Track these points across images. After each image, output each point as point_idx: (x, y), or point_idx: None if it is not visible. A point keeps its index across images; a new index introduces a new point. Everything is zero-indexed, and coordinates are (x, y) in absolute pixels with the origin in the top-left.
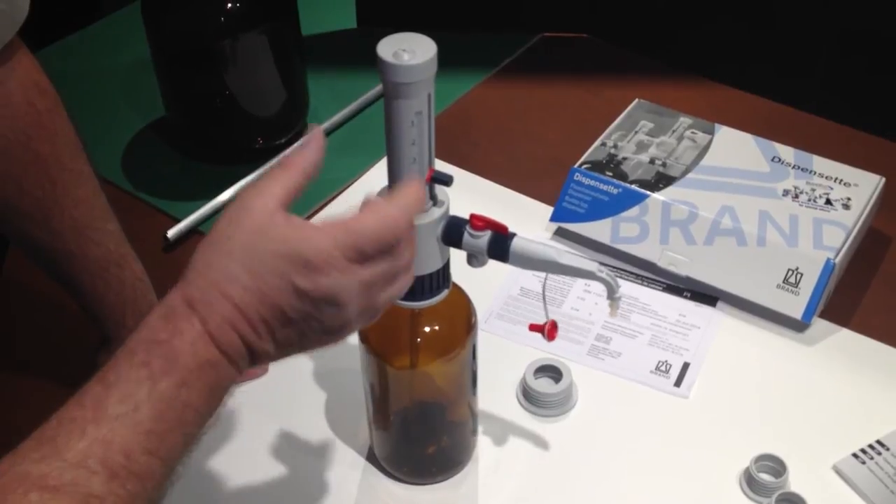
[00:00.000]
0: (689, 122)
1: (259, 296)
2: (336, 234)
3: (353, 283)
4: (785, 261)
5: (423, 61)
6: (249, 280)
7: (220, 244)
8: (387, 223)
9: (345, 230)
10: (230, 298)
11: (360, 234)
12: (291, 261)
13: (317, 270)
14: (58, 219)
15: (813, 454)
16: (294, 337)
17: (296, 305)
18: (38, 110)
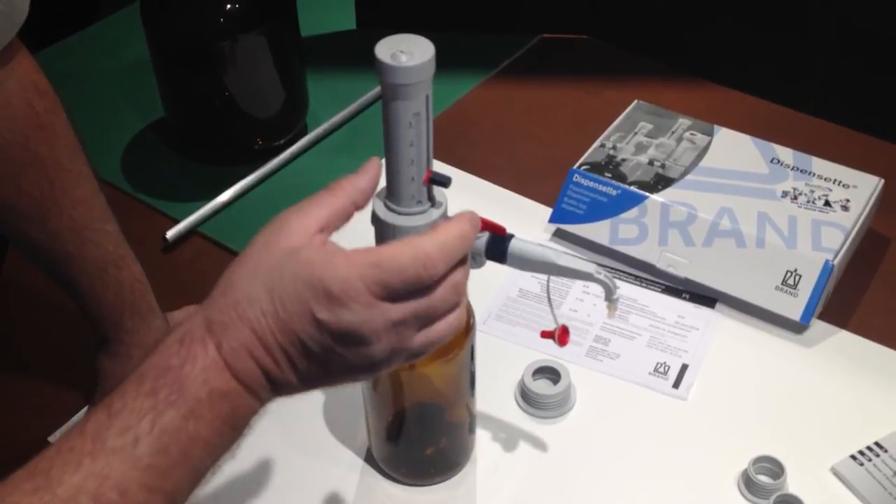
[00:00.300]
0: (688, 123)
1: (278, 322)
2: (363, 267)
3: (378, 321)
4: (784, 262)
5: (421, 63)
6: (269, 304)
7: (248, 263)
8: (420, 261)
9: (373, 264)
10: (247, 322)
11: (388, 270)
12: (313, 288)
13: (338, 302)
14: (56, 219)
15: (811, 456)
16: (317, 371)
17: (315, 337)
18: (37, 111)
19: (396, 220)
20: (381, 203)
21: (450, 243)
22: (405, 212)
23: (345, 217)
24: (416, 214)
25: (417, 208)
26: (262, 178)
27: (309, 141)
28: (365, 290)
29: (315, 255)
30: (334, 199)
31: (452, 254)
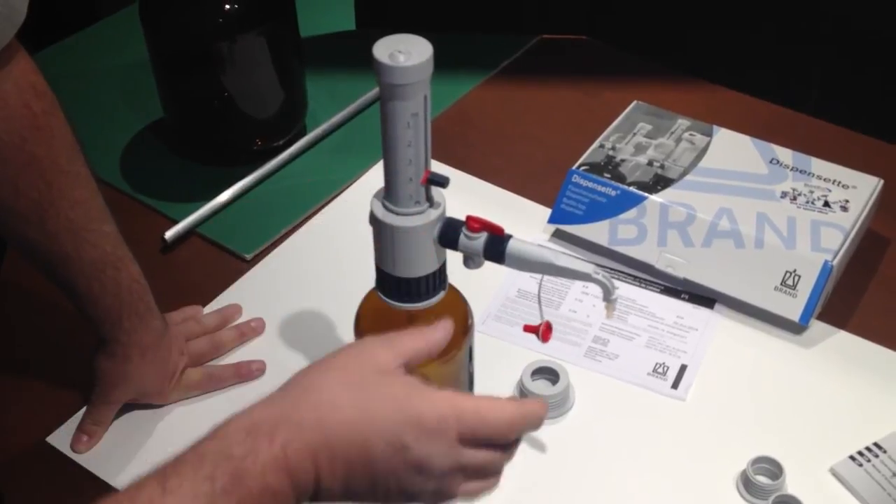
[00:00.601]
0: (687, 123)
1: (356, 435)
2: (462, 410)
3: (449, 461)
4: (783, 263)
5: (419, 63)
6: (354, 417)
7: (335, 371)
8: (508, 422)
9: (472, 410)
10: (325, 427)
11: (483, 419)
12: (408, 415)
13: (427, 433)
14: (53, 220)
15: (810, 456)
16: (365, 487)
17: (388, 458)
18: (35, 112)
19: (394, 221)
20: (380, 203)
21: (531, 417)
22: (403, 212)
23: (421, 360)
24: (415, 215)
25: (415, 209)
26: (261, 178)
27: (308, 141)
28: (455, 430)
29: (410, 383)
30: (419, 341)
31: (529, 426)
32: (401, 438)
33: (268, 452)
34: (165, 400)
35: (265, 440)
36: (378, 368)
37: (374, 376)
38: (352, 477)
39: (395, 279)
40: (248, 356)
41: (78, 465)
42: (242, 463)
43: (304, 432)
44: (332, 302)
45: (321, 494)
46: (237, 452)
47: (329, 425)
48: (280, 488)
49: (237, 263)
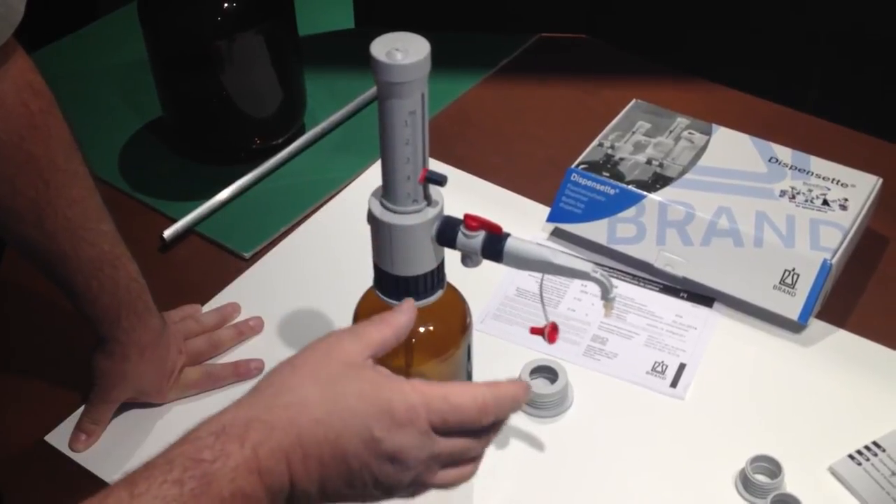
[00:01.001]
0: (686, 122)
1: (328, 432)
2: (430, 396)
3: (423, 450)
4: (782, 261)
5: (416, 61)
6: (324, 415)
7: (303, 370)
8: (478, 404)
9: (440, 396)
10: (296, 427)
11: (452, 404)
12: (378, 407)
13: (397, 424)
14: (51, 219)
15: (809, 455)
16: (340, 486)
17: (360, 453)
18: (32, 111)
19: (392, 219)
20: (377, 202)
21: (504, 400)
22: (401, 210)
23: (390, 347)
24: (412, 213)
25: (413, 207)
26: (260, 177)
27: (306, 140)
28: (425, 419)
29: (378, 376)
30: (384, 329)
31: (503, 409)
32: (372, 432)
33: (238, 455)
34: (164, 399)
35: (235, 443)
36: (347, 362)
37: (343, 371)
38: (327, 476)
39: (392, 277)
40: (247, 355)
41: (76, 464)
42: (212, 466)
43: (276, 433)
44: (330, 300)
45: (297, 498)
46: (207, 456)
47: (300, 424)
48: (252, 491)
49: (236, 262)
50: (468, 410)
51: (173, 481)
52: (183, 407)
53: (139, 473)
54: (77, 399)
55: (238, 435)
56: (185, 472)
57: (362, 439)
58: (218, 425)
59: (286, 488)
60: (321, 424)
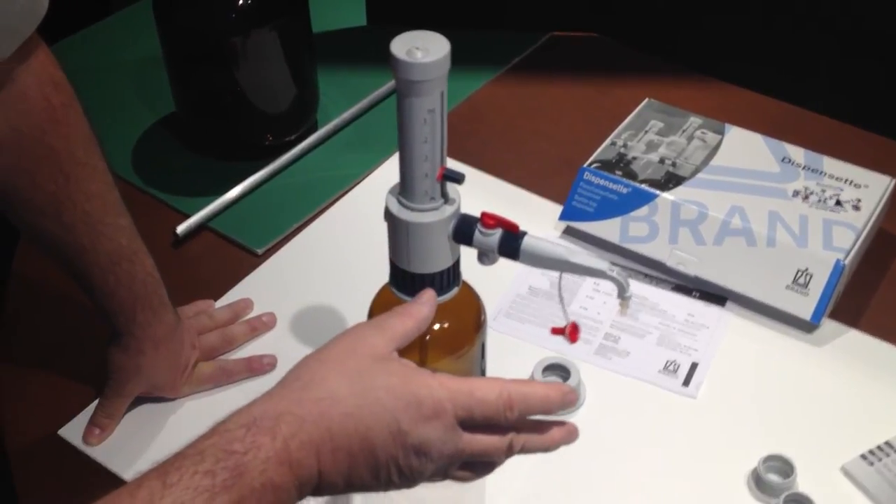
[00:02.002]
0: (699, 121)
1: (358, 425)
2: (455, 391)
3: (448, 444)
4: (794, 261)
5: (437, 59)
6: (354, 408)
7: (332, 364)
8: (503, 400)
9: (466, 392)
10: (327, 420)
11: (478, 400)
12: (406, 401)
13: (425, 418)
14: (70, 213)
15: (821, 455)
16: (366, 477)
17: (388, 445)
18: (53, 105)
19: (409, 217)
20: (395, 199)
21: (532, 399)
22: (418, 208)
23: (410, 339)
24: (429, 211)
25: (430, 205)
26: (273, 173)
27: (319, 137)
28: (452, 413)
29: (406, 369)
30: (407, 321)
31: (530, 407)
32: (400, 425)
33: (270, 447)
34: (177, 393)
35: (267, 435)
36: (373, 356)
37: (370, 364)
38: (354, 468)
39: (409, 275)
40: (260, 350)
41: (89, 458)
42: (243, 458)
43: (307, 426)
44: (343, 297)
45: (323, 489)
46: (238, 448)
47: (331, 417)
48: (282, 483)
49: (249, 258)
50: (493, 405)
51: (205, 472)
52: (196, 402)
53: (170, 464)
54: (91, 393)
55: (269, 428)
56: (217, 464)
57: (391, 432)
58: (248, 418)
59: (314, 480)
60: (351, 418)
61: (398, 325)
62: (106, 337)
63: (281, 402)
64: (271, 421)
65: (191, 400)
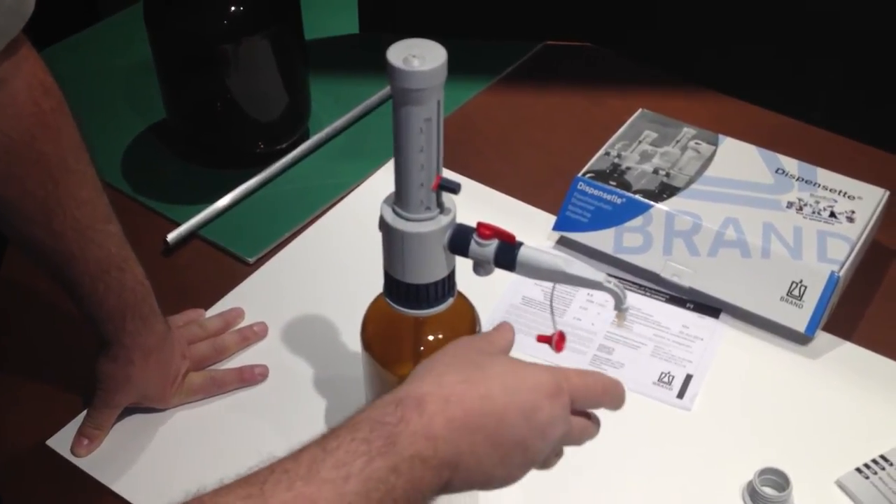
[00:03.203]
0: (693, 132)
1: (495, 406)
2: (567, 373)
3: (564, 423)
4: (789, 273)
5: (434, 67)
6: (488, 390)
7: (457, 358)
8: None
9: (574, 373)
10: (467, 400)
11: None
12: (530, 384)
13: (549, 396)
14: (59, 219)
15: (816, 468)
16: (493, 460)
17: (519, 425)
18: (43, 110)
19: (405, 227)
20: (390, 208)
21: (618, 388)
22: (414, 217)
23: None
24: (425, 220)
25: (426, 214)
26: (264, 181)
27: (311, 145)
28: (567, 392)
29: (516, 360)
30: (506, 335)
31: (617, 397)
32: (531, 402)
33: (417, 422)
34: (167, 404)
35: (413, 413)
36: (489, 353)
37: (489, 357)
38: (487, 452)
39: (404, 285)
40: (251, 360)
41: (78, 469)
42: (395, 429)
43: (450, 406)
44: (335, 306)
45: (456, 469)
46: (390, 419)
47: (472, 398)
48: (427, 455)
49: (240, 267)
50: (595, 388)
51: (361, 439)
52: (186, 412)
53: (327, 435)
54: (79, 403)
55: (416, 406)
56: (372, 433)
57: (522, 411)
58: (396, 397)
59: (450, 456)
60: (489, 400)
61: (497, 338)
62: (95, 346)
63: (423, 385)
64: (416, 401)
65: (181, 410)
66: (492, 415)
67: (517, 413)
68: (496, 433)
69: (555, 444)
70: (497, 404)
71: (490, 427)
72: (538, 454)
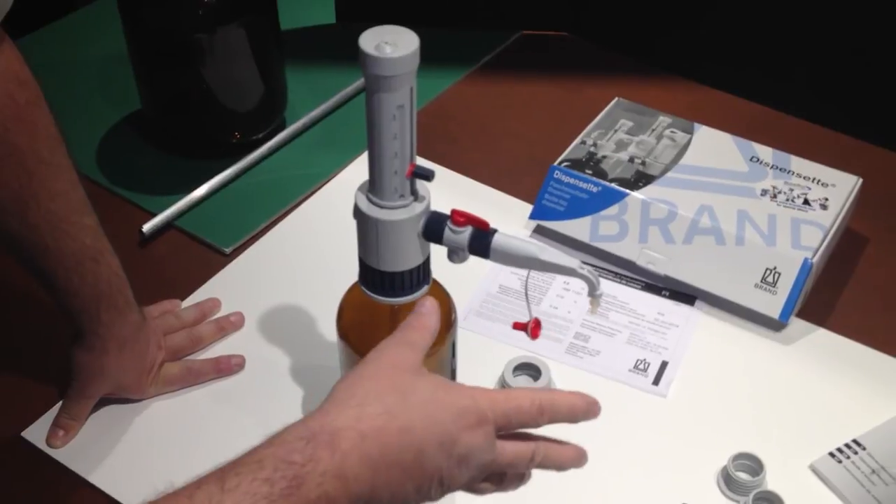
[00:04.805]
0: (668, 121)
1: (413, 439)
2: (496, 400)
3: (487, 452)
4: (763, 260)
5: (406, 54)
6: (409, 422)
7: (381, 381)
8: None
9: (503, 398)
10: (384, 435)
11: (515, 406)
12: (453, 411)
13: (470, 427)
14: (34, 212)
15: (790, 453)
16: (411, 489)
17: (437, 456)
18: (18, 102)
19: (379, 214)
20: (364, 196)
21: (560, 405)
22: (388, 205)
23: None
24: (399, 208)
25: (400, 202)
26: (240, 172)
27: (287, 135)
28: (492, 420)
29: (444, 381)
30: (425, 335)
31: (558, 414)
32: (450, 434)
33: (328, 461)
34: (143, 394)
35: (326, 449)
36: (412, 371)
37: (413, 380)
38: (403, 482)
39: (378, 273)
40: (228, 350)
41: (54, 460)
42: (302, 469)
43: (366, 442)
44: (312, 296)
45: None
46: (297, 459)
47: (389, 433)
48: (336, 495)
49: (216, 257)
50: (528, 411)
51: (264, 479)
52: (162, 403)
53: (228, 469)
54: (54, 394)
55: (328, 442)
56: (276, 472)
57: (441, 443)
58: (307, 431)
59: (367, 494)
60: (407, 432)
61: (419, 339)
62: (70, 337)
63: (339, 418)
64: (330, 436)
65: (157, 401)
66: (410, 448)
67: (436, 446)
68: (413, 466)
69: (477, 472)
70: (416, 437)
71: (407, 461)
72: (456, 482)
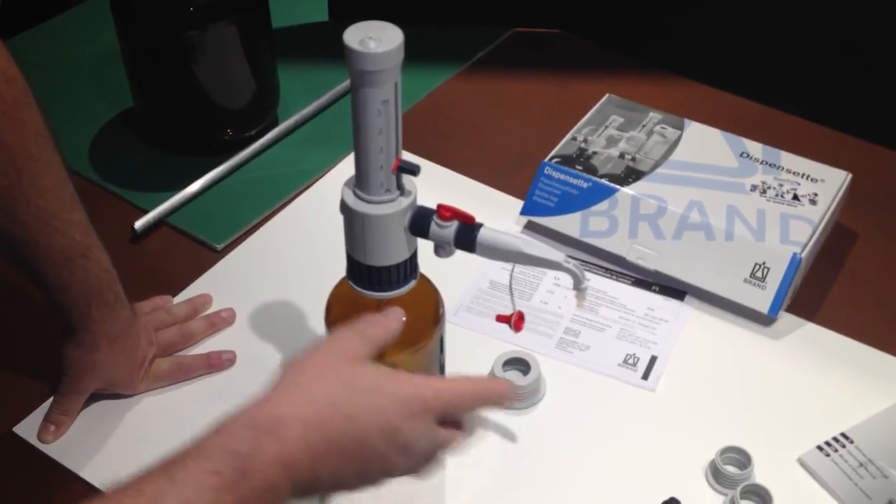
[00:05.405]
0: (658, 117)
1: (356, 428)
2: (438, 390)
3: (430, 441)
4: (752, 255)
5: (390, 49)
6: (351, 409)
7: (324, 370)
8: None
9: (446, 388)
10: (327, 423)
11: (457, 395)
12: (397, 402)
13: (412, 416)
14: (23, 208)
15: (778, 447)
16: (352, 476)
17: (380, 444)
18: (6, 99)
19: (365, 209)
20: (350, 191)
21: (492, 392)
22: (374, 200)
23: (384, 348)
24: (386, 203)
25: (386, 196)
26: (232, 169)
27: (279, 132)
28: (434, 408)
29: (389, 370)
30: (380, 332)
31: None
32: (392, 423)
33: (272, 449)
34: (134, 390)
35: (270, 437)
36: (358, 360)
37: (358, 368)
38: (345, 468)
39: (365, 268)
40: (219, 346)
41: (45, 456)
42: (248, 459)
43: (309, 430)
44: (302, 292)
45: (312, 489)
46: (243, 449)
47: (332, 420)
48: (280, 483)
49: (207, 254)
50: (467, 399)
51: (211, 471)
52: (154, 398)
53: (173, 462)
54: (46, 390)
55: (272, 431)
56: (223, 463)
57: (383, 431)
58: (251, 419)
59: (307, 479)
60: (350, 420)
61: (374, 333)
62: (60, 333)
63: (280, 406)
64: (274, 424)
65: (148, 396)
66: (352, 436)
67: (378, 433)
68: (356, 453)
69: (420, 457)
70: (359, 425)
71: (350, 448)
72: (397, 468)
